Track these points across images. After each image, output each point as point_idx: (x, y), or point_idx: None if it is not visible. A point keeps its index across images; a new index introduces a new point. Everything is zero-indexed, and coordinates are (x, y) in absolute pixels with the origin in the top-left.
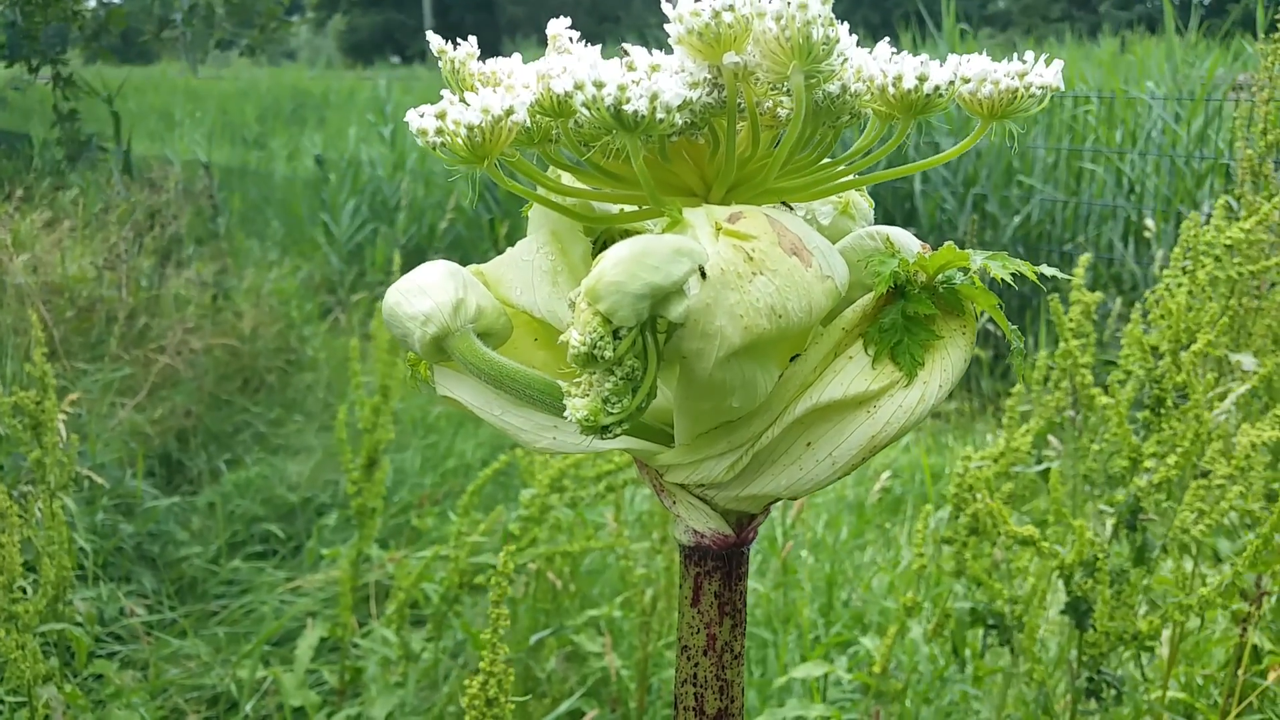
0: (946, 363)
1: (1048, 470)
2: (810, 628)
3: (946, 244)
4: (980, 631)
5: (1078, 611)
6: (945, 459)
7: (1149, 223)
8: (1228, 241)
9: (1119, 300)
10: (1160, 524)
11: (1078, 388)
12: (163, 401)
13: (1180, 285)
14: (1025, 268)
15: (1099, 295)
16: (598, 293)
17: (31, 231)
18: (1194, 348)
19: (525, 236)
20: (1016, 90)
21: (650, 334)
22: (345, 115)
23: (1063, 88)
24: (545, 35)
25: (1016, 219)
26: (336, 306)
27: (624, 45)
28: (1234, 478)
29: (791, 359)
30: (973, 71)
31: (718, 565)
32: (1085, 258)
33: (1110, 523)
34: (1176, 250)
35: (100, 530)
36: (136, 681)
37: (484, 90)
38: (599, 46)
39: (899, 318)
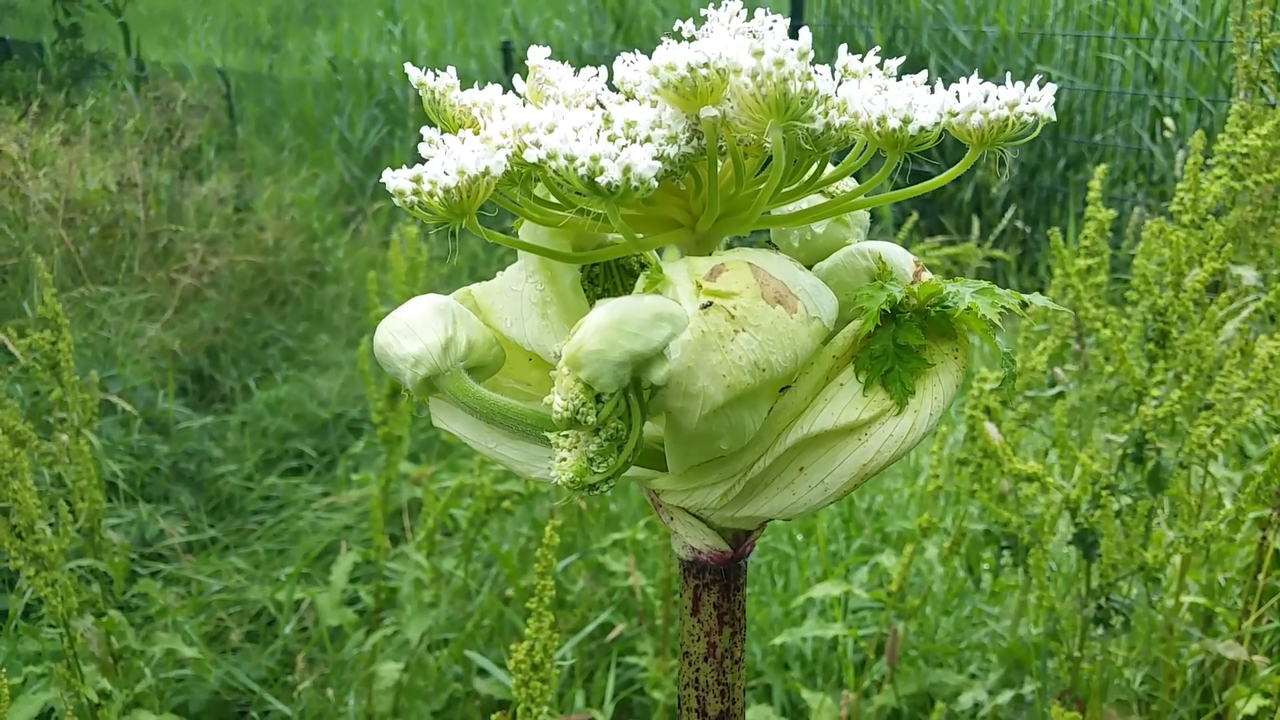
0: (938, 390)
1: (1062, 394)
2: (832, 539)
3: (933, 279)
4: (994, 550)
5: (1084, 543)
6: (975, 362)
7: (1168, 121)
8: (1243, 149)
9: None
10: (1175, 441)
11: (1081, 320)
12: (191, 318)
13: (1196, 201)
14: (1012, 302)
15: (1111, 213)
16: (578, 361)
17: (50, 147)
18: (1198, 275)
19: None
20: (1007, 119)
21: (634, 394)
22: (357, 12)
23: (1054, 118)
24: None
25: None
26: (357, 215)
27: (599, 97)
28: (1252, 389)
29: (782, 390)
30: (961, 105)
31: (716, 578)
32: (1102, 169)
33: (1118, 454)
34: (1189, 163)
35: (136, 451)
36: (179, 599)
37: (460, 147)
38: (579, 81)
39: (890, 344)
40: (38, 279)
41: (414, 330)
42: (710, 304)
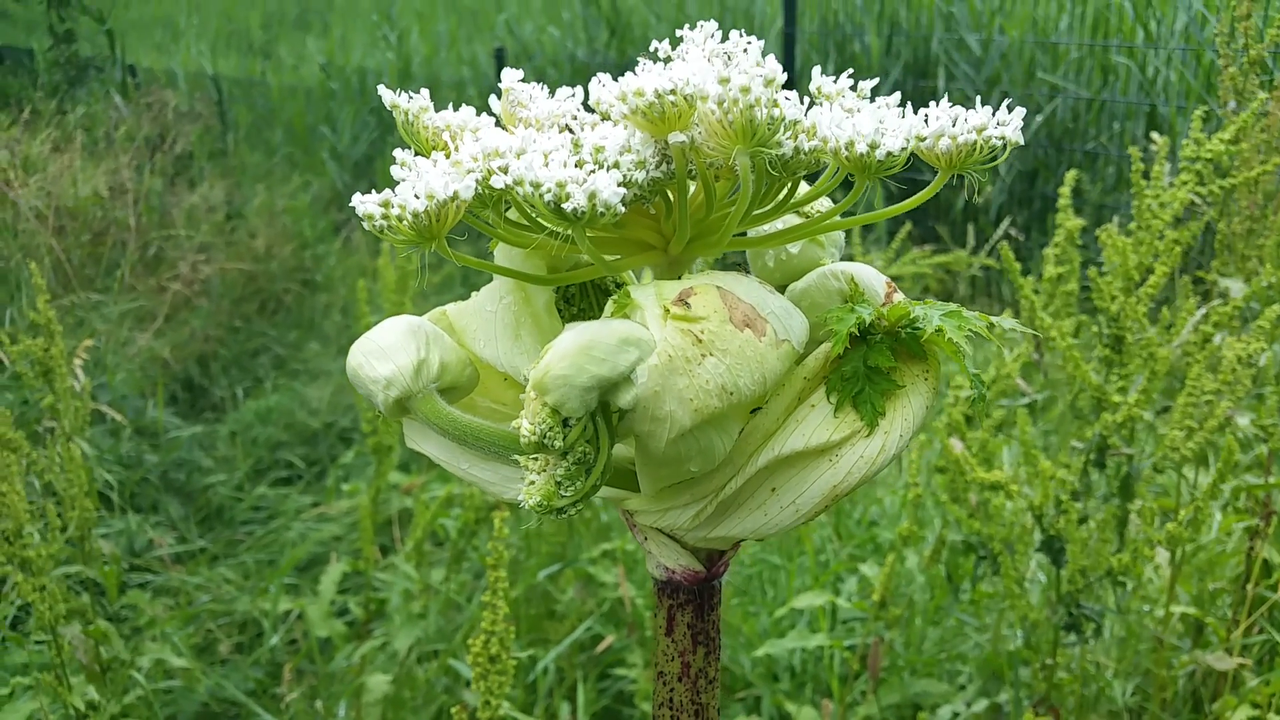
0: (908, 411)
1: (1034, 404)
2: (822, 549)
3: (900, 301)
4: (974, 559)
5: (1052, 549)
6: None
7: (1154, 135)
8: (1208, 155)
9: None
10: (1140, 446)
11: (1039, 331)
12: (181, 326)
13: (1163, 206)
14: (980, 325)
15: (1081, 221)
16: (545, 385)
17: (41, 154)
18: (1151, 281)
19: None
20: (975, 143)
21: (602, 418)
22: (349, 19)
23: (1023, 142)
24: None
25: (1040, 117)
26: (349, 223)
27: (568, 121)
28: (1222, 391)
29: (753, 411)
30: (929, 130)
31: (689, 598)
32: (1072, 175)
33: (1081, 460)
34: (1156, 170)
35: (125, 461)
36: (168, 610)
37: (430, 171)
38: (553, 103)
39: (860, 366)
40: (28, 286)
41: (386, 352)
42: (684, 299)
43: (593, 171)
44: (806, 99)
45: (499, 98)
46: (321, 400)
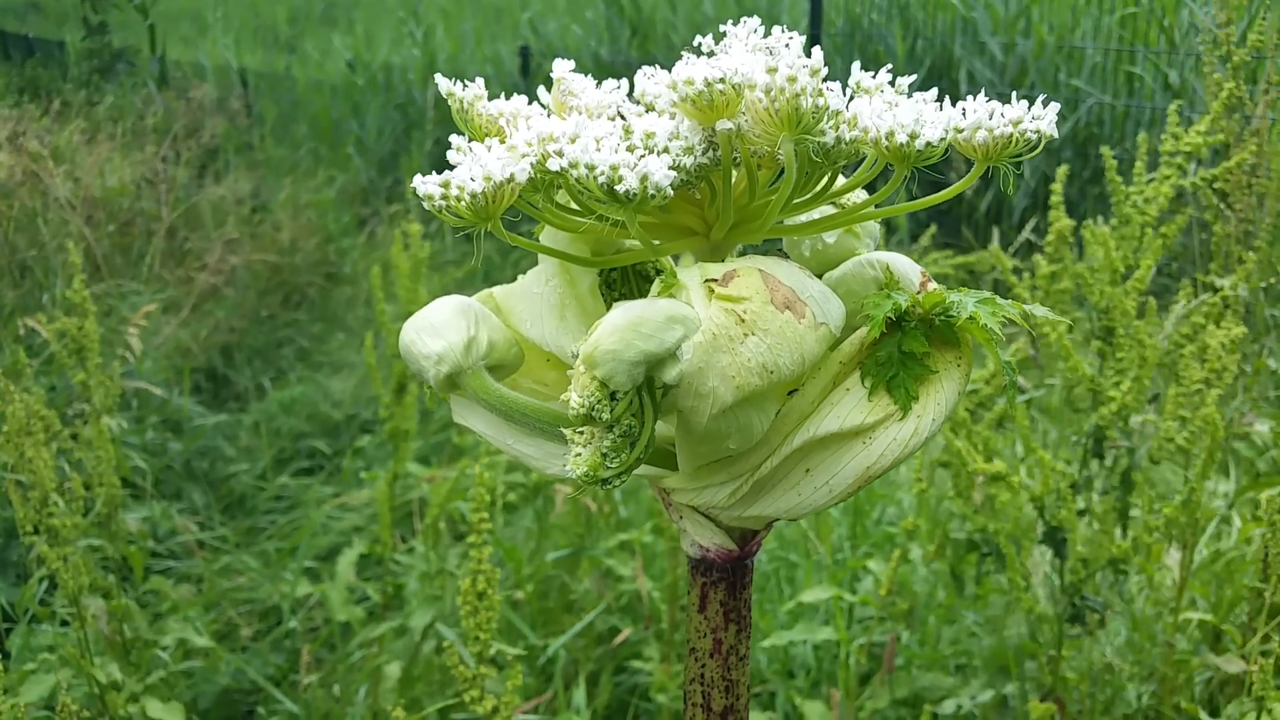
0: (940, 396)
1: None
2: (840, 548)
3: (938, 288)
4: (977, 555)
5: (1054, 540)
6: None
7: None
8: (1187, 148)
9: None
10: (1143, 437)
11: (1031, 327)
12: (207, 317)
13: (1148, 202)
14: (1013, 312)
15: (1071, 222)
16: (594, 359)
17: (70, 144)
18: (1137, 274)
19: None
20: (1011, 136)
21: (647, 393)
22: (375, 15)
23: (1056, 135)
24: None
25: (1066, 124)
26: (373, 217)
27: (620, 109)
28: (1210, 380)
29: (789, 393)
30: (966, 122)
31: (722, 576)
32: (1062, 170)
33: (1079, 451)
34: (1138, 166)
35: (150, 448)
36: (191, 595)
37: (487, 155)
38: (601, 93)
39: (895, 351)
40: (60, 271)
41: (438, 329)
42: (728, 280)
43: (644, 156)
44: (849, 90)
45: (523, 95)
46: (344, 392)
